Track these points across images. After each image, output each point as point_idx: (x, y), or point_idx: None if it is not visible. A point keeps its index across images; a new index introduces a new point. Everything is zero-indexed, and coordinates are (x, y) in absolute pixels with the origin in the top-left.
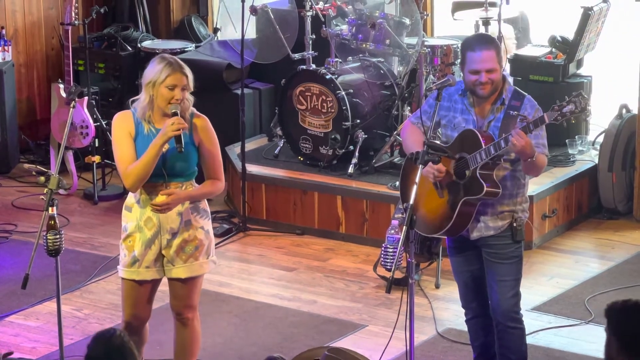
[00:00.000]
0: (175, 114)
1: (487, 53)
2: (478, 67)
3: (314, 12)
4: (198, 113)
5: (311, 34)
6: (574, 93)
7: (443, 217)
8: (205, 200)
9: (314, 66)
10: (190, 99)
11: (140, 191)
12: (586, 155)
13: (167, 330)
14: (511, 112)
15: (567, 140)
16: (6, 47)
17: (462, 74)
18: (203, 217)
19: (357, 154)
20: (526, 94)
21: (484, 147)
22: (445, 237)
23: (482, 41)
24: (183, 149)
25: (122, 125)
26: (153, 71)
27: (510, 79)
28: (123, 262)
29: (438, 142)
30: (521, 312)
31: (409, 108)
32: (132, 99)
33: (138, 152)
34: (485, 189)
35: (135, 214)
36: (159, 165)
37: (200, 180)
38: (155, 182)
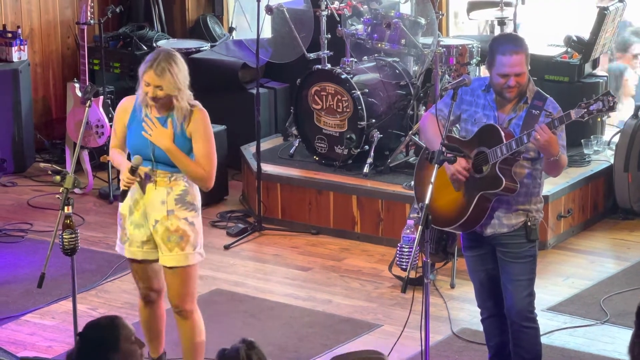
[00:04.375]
0: (132, 170)
1: (517, 57)
2: (507, 71)
3: (330, 11)
4: (198, 107)
5: (326, 34)
6: (603, 92)
7: (458, 210)
8: (195, 194)
9: (329, 66)
10: (188, 93)
11: None
12: (602, 155)
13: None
14: (533, 111)
15: (582, 140)
16: (22, 47)
17: (488, 73)
18: (188, 209)
19: (372, 153)
20: (548, 96)
21: (505, 141)
22: (458, 231)
23: (512, 45)
24: (125, 196)
25: (120, 111)
26: (143, 63)
27: None
28: (118, 237)
29: (456, 136)
30: (535, 311)
31: (424, 108)
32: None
33: (130, 138)
34: (504, 183)
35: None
36: (147, 151)
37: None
38: (144, 166)
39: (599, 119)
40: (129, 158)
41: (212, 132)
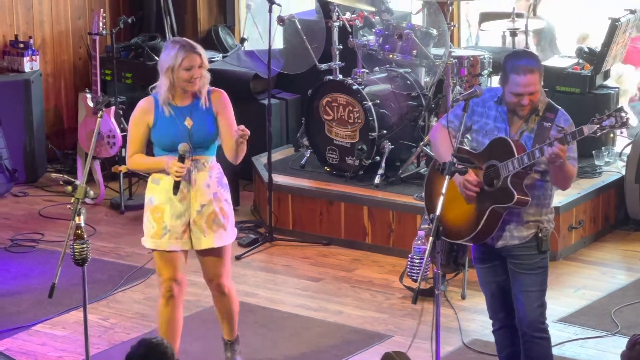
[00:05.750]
0: (182, 158)
1: (531, 77)
2: (521, 91)
3: (341, 22)
4: (214, 88)
5: (338, 45)
6: (616, 108)
7: (469, 223)
8: (224, 175)
9: (340, 77)
10: (207, 75)
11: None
12: (613, 167)
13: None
14: (545, 123)
15: (593, 152)
16: (34, 57)
17: (502, 89)
18: (226, 189)
19: (383, 164)
20: (559, 107)
21: (517, 155)
22: (470, 244)
23: (526, 64)
24: (179, 188)
25: (140, 114)
26: (169, 56)
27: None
28: (151, 233)
29: (467, 147)
30: (547, 322)
31: (435, 119)
32: (151, 86)
33: (160, 134)
34: (515, 197)
35: (164, 186)
36: (185, 138)
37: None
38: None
39: (611, 135)
40: (149, 154)
41: (232, 107)
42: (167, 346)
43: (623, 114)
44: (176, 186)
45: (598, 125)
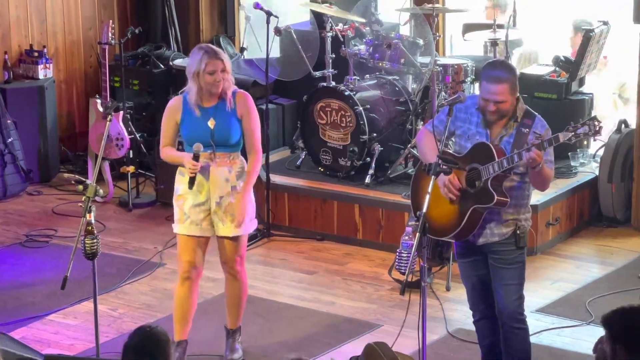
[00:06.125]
0: (196, 156)
1: (500, 87)
2: (488, 98)
3: (334, 32)
4: (240, 90)
5: (331, 53)
6: (589, 117)
7: (452, 222)
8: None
9: (333, 83)
10: (232, 79)
11: None
12: (587, 168)
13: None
14: (522, 129)
15: (569, 153)
16: (48, 65)
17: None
18: None
19: (373, 165)
20: (537, 114)
21: (497, 159)
22: (453, 240)
23: (498, 74)
24: (194, 183)
25: (168, 112)
26: (194, 62)
27: None
28: (176, 219)
29: (451, 150)
30: (525, 313)
31: (422, 123)
32: (183, 89)
33: (187, 131)
34: (495, 198)
35: (186, 179)
36: (207, 139)
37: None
38: (205, 151)
39: (585, 142)
40: (179, 149)
41: (256, 110)
42: (161, 333)
43: (596, 123)
44: (191, 181)
45: (573, 133)
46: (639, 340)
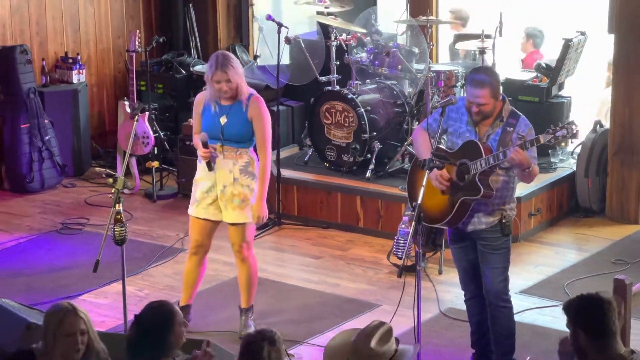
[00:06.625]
0: (204, 144)
1: (481, 91)
2: (471, 100)
3: (338, 42)
4: (255, 95)
5: (336, 61)
6: (568, 121)
7: (444, 211)
8: (255, 165)
9: (338, 87)
10: (243, 84)
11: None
12: (566, 164)
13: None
14: (508, 128)
15: (549, 151)
16: (81, 71)
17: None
18: (249, 177)
19: (373, 161)
20: (521, 114)
21: (484, 156)
22: (445, 227)
23: (480, 79)
24: (212, 167)
25: (195, 105)
26: (208, 68)
27: None
28: (190, 202)
29: (443, 146)
30: (510, 293)
31: (417, 123)
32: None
33: (204, 123)
34: (482, 191)
35: (203, 165)
36: (217, 132)
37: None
38: (214, 143)
39: (564, 144)
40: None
41: (269, 115)
42: (167, 305)
43: (574, 127)
44: (207, 165)
45: (552, 135)
46: (596, 325)
